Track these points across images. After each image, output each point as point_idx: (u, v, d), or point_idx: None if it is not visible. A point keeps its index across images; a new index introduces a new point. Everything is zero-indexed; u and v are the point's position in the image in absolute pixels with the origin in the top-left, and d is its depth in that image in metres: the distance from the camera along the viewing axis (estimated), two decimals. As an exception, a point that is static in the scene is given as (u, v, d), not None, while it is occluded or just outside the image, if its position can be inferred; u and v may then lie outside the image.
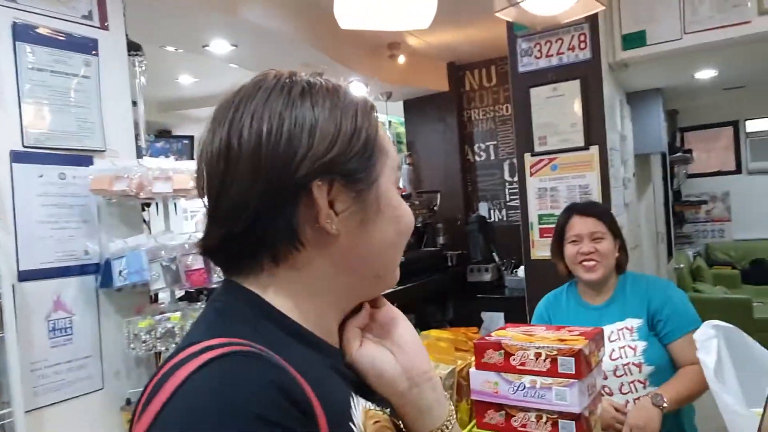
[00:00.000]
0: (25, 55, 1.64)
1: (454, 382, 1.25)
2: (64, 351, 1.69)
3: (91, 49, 1.80)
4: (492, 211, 4.33)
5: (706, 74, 3.37)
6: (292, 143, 0.55)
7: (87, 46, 1.80)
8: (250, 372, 0.47)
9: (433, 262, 4.00)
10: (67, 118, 1.73)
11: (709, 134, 6.64)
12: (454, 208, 4.31)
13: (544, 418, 1.06)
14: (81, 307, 1.73)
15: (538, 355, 1.07)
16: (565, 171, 2.66)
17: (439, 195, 4.23)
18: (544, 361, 1.06)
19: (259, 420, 0.44)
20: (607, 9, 2.62)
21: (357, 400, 0.59)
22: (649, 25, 2.57)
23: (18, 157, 1.62)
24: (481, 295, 3.79)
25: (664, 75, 3.28)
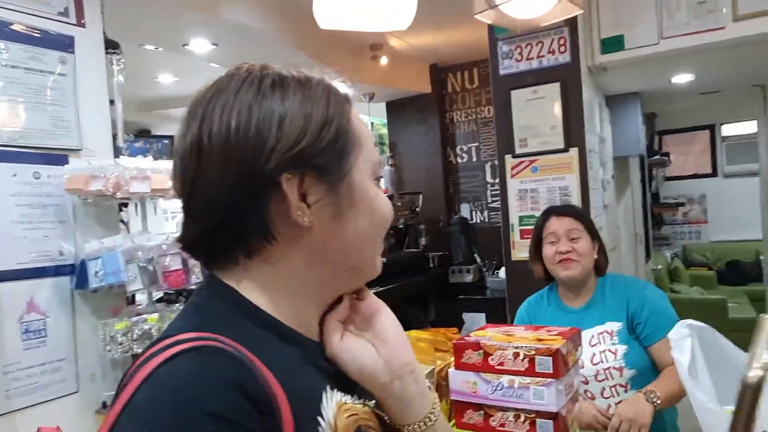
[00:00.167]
0: (-1, 52, 1.61)
1: (433, 383, 1.25)
2: (37, 353, 1.65)
3: (67, 46, 1.77)
4: (474, 213, 4.35)
5: (682, 78, 3.42)
6: (260, 136, 0.55)
7: (63, 44, 1.76)
8: (210, 368, 0.48)
9: (415, 263, 4.00)
10: (42, 117, 1.70)
11: (686, 138, 6.77)
12: (436, 210, 4.33)
13: (522, 418, 1.07)
14: (55, 309, 1.70)
15: (516, 355, 1.07)
16: (546, 173, 2.68)
17: (421, 196, 4.24)
18: (522, 360, 1.07)
19: (214, 418, 0.45)
20: (586, 13, 2.65)
21: (332, 394, 0.59)
22: (627, 29, 2.61)
23: (-9, 156, 1.59)
24: (462, 296, 3.81)
25: (642, 79, 3.33)
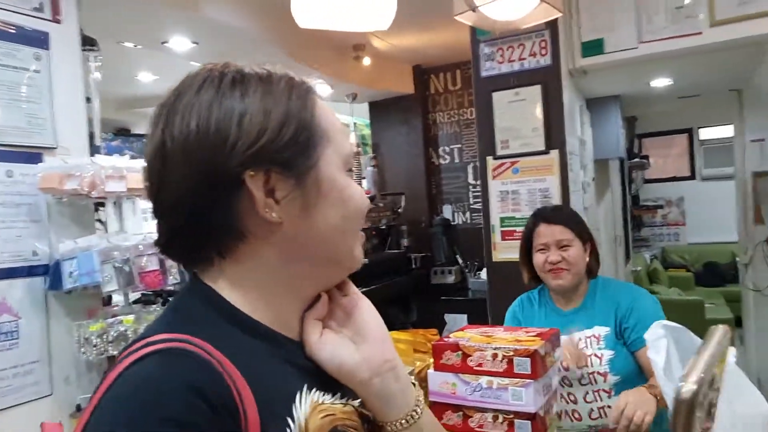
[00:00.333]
0: (-30, 47, 1.57)
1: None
2: (9, 356, 1.61)
3: (42, 42, 1.74)
4: (456, 214, 4.37)
5: (661, 82, 3.47)
6: (220, 135, 0.55)
7: (38, 40, 1.73)
8: (172, 371, 0.49)
9: (397, 264, 4.01)
10: (16, 114, 1.66)
11: (665, 141, 6.88)
12: (419, 211, 4.33)
13: (501, 418, 1.07)
14: (28, 310, 1.66)
15: (495, 356, 1.07)
16: (527, 174, 2.70)
17: (403, 197, 4.24)
18: (501, 361, 1.07)
19: (168, 421, 0.46)
20: (566, 17, 2.68)
21: (308, 394, 0.58)
22: (607, 33, 2.64)
23: (-39, 154, 1.55)
24: (444, 297, 3.82)
25: (622, 82, 3.36)
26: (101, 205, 1.91)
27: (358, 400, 0.64)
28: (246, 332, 0.58)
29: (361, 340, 0.63)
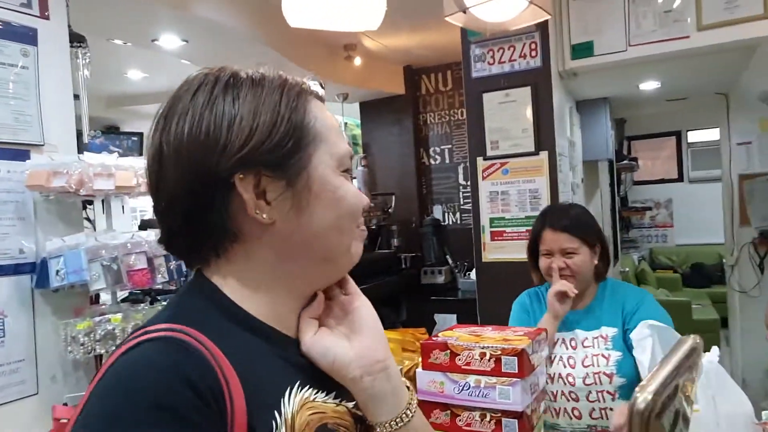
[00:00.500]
0: (-44, 43, 1.55)
1: (401, 383, 1.25)
2: (-6, 355, 1.60)
3: (29, 38, 1.72)
4: (446, 214, 4.38)
5: (649, 85, 3.50)
6: (211, 139, 0.57)
7: (26, 36, 1.71)
8: (159, 357, 0.52)
9: (387, 264, 4.01)
10: (3, 110, 1.65)
11: (654, 143, 6.94)
12: (409, 211, 4.34)
13: (488, 417, 1.08)
14: (14, 308, 1.65)
15: (482, 355, 1.08)
16: (516, 175, 2.71)
17: (394, 197, 4.25)
18: (489, 360, 1.07)
19: (155, 405, 0.48)
20: (557, 19, 2.70)
21: (299, 390, 0.59)
22: (596, 36, 2.66)
23: (-53, 150, 1.53)
24: (434, 297, 3.83)
25: (611, 85, 3.39)
26: (89, 203, 1.89)
27: (353, 402, 0.64)
28: (243, 327, 0.60)
29: (355, 338, 0.64)
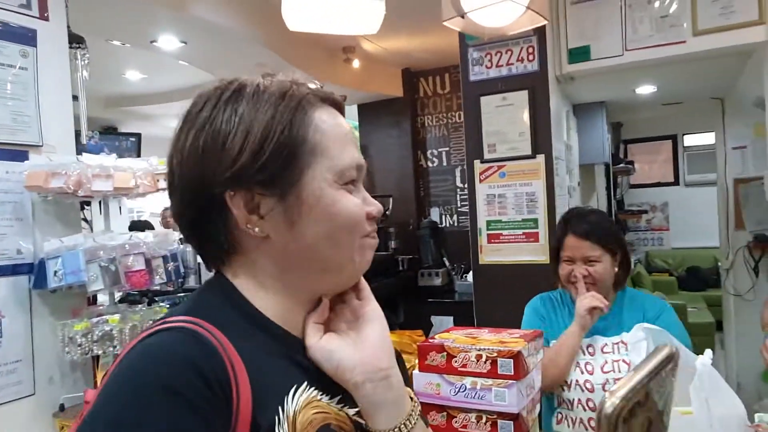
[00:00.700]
0: (-44, 43, 1.55)
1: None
2: (-9, 355, 1.60)
3: (29, 39, 1.73)
4: (443, 217, 4.39)
5: (646, 90, 3.52)
6: (206, 156, 0.60)
7: (25, 37, 1.72)
8: (174, 347, 0.54)
9: (385, 266, 4.01)
10: (1, 111, 1.65)
11: (650, 147, 6.96)
12: (407, 213, 4.35)
13: (484, 419, 1.09)
14: (12, 309, 1.65)
15: (479, 357, 1.09)
16: (513, 178, 2.72)
17: (391, 200, 4.25)
18: (485, 362, 1.08)
19: (166, 389, 0.51)
20: (554, 24, 2.71)
21: (305, 389, 0.60)
22: (593, 40, 2.67)
23: (-55, 150, 1.54)
24: (431, 300, 3.83)
25: (608, 89, 3.41)
26: (87, 204, 1.90)
27: (356, 409, 0.64)
28: (255, 325, 0.62)
29: (361, 344, 0.65)
